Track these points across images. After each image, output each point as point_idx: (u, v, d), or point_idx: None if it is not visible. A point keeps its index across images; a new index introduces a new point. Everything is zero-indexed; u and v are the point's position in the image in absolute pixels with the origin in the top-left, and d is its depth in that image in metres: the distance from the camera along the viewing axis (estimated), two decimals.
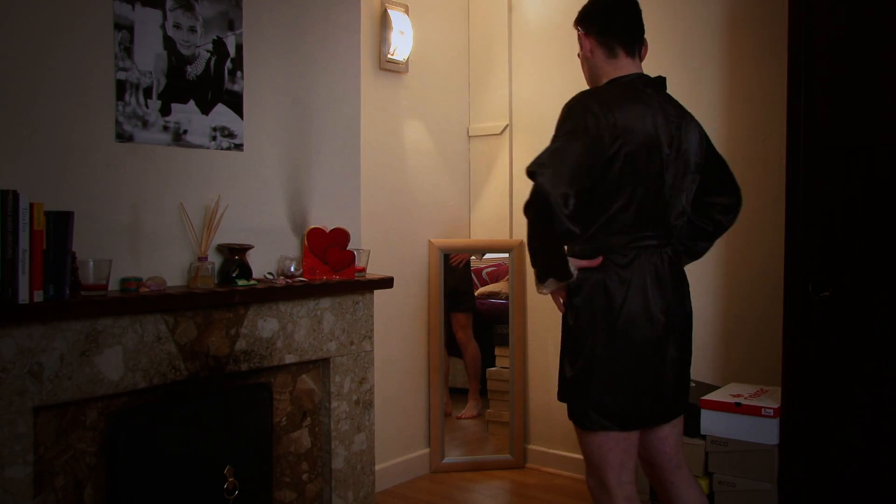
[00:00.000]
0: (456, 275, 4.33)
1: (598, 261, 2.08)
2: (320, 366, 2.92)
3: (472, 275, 5.47)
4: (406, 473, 3.77)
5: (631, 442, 2.15)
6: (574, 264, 2.07)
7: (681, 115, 2.15)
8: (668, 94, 2.19)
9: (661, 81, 2.18)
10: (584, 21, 2.18)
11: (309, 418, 2.91)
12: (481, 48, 4.09)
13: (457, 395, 4.72)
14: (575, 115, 2.01)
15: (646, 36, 2.22)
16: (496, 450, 4.10)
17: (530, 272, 2.21)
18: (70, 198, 2.30)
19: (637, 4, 2.20)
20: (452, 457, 3.95)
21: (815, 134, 2.59)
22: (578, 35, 2.20)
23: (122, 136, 2.42)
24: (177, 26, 2.55)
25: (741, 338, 3.27)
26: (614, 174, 2.01)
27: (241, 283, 2.60)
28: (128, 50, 2.43)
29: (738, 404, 2.81)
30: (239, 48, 2.72)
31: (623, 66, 2.14)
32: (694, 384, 3.06)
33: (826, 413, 2.58)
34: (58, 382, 2.16)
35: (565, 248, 2.08)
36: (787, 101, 2.65)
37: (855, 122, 2.53)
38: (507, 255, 4.03)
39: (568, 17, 2.28)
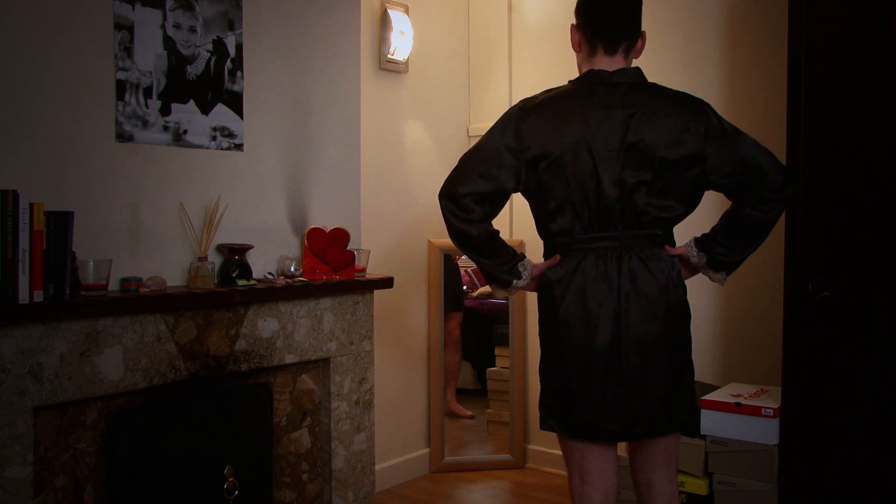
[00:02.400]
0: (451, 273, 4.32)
1: (554, 259, 2.05)
2: (320, 366, 2.92)
3: (472, 274, 5.47)
4: (406, 473, 3.77)
5: (589, 452, 2.06)
6: (528, 269, 2.09)
7: (647, 107, 1.97)
8: (645, 86, 2.04)
9: (627, 72, 2.04)
10: (575, 13, 2.14)
11: (309, 418, 2.91)
12: (481, 48, 4.09)
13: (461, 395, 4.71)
14: (497, 122, 2.07)
15: (645, 36, 2.17)
16: (496, 450, 4.10)
17: None
18: (70, 198, 2.30)
19: (630, 1, 2.09)
20: (452, 457, 3.95)
21: (815, 134, 2.59)
22: (571, 28, 2.15)
23: (122, 136, 2.42)
24: (177, 26, 2.55)
25: (741, 338, 3.27)
26: (540, 176, 2.00)
27: (241, 283, 2.60)
28: (128, 50, 2.43)
29: (738, 404, 2.81)
30: (239, 48, 2.72)
31: (597, 64, 2.06)
32: None
33: (826, 413, 2.58)
34: (58, 382, 2.16)
35: (508, 255, 2.08)
36: (787, 101, 2.65)
37: (855, 122, 2.53)
38: None
39: (568, 17, 2.27)
